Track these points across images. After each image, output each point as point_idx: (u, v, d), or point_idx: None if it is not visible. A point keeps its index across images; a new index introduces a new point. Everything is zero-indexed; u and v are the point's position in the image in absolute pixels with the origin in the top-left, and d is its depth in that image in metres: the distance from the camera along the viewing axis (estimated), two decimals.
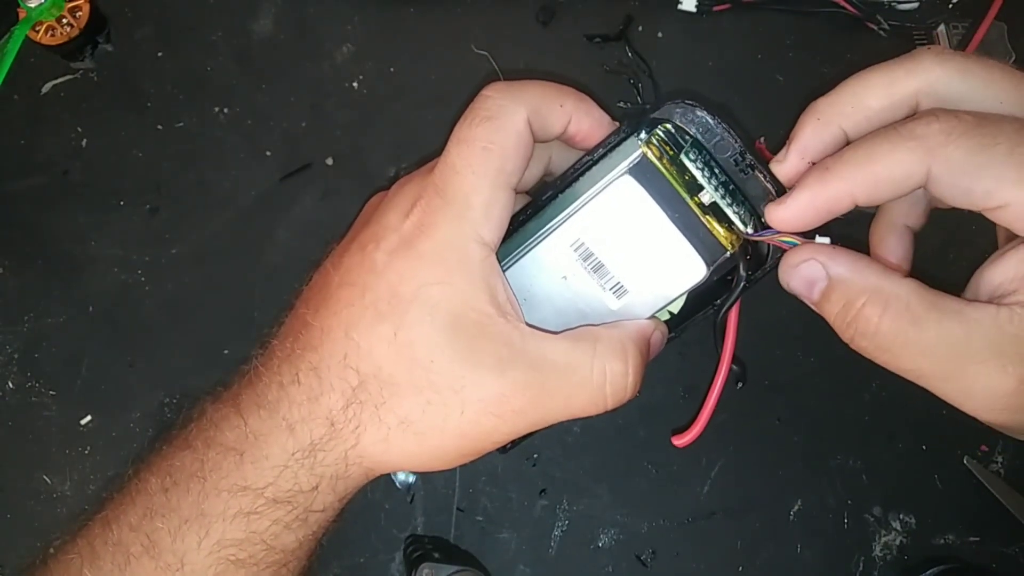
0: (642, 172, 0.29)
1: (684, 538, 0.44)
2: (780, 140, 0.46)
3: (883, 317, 0.25)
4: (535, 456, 0.45)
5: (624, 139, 0.30)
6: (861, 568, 0.44)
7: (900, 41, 0.49)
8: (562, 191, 0.31)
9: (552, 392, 0.28)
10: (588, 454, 0.45)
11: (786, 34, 0.50)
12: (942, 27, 0.48)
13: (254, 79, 0.50)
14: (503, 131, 0.29)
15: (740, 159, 0.29)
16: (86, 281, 0.47)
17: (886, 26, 0.48)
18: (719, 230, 0.29)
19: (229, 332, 0.47)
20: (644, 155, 0.28)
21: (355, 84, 0.50)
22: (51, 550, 0.31)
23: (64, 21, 0.48)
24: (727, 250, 0.29)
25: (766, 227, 0.29)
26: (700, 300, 0.31)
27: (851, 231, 0.29)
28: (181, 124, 0.49)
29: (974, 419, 0.44)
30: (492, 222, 0.28)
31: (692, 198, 0.29)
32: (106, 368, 0.46)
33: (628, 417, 0.45)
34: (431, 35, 0.50)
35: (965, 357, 0.25)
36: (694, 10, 0.49)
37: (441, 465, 0.29)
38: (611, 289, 0.30)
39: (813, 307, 0.28)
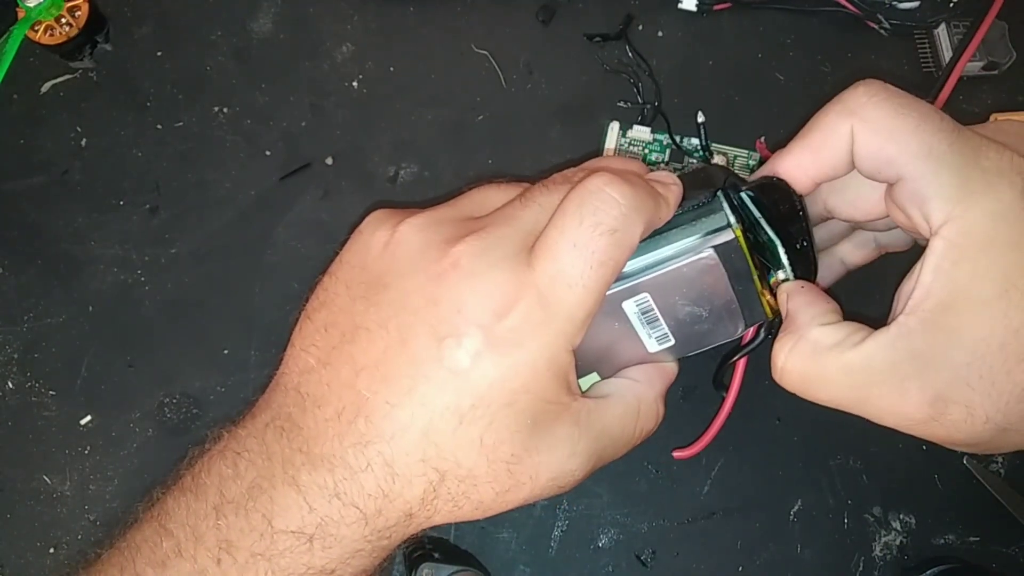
0: (726, 251, 0.29)
1: (684, 538, 0.44)
2: (780, 140, 0.46)
3: (790, 357, 0.28)
4: None
5: (711, 209, 0.29)
6: (861, 568, 0.44)
7: (901, 40, 0.49)
8: None
9: (606, 456, 0.30)
10: None
11: (786, 33, 0.50)
12: (943, 26, 0.48)
13: (254, 79, 0.50)
14: (623, 248, 0.27)
15: (803, 232, 0.30)
16: (86, 281, 0.47)
17: (887, 25, 0.48)
18: (769, 302, 0.30)
19: (229, 332, 0.47)
20: (735, 240, 0.29)
21: (355, 84, 0.50)
22: None
23: (63, 21, 0.48)
24: (767, 318, 0.31)
25: None
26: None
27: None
28: (180, 124, 0.49)
29: None
30: (585, 328, 0.28)
31: (760, 278, 0.30)
32: (106, 368, 0.46)
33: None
34: (431, 35, 0.50)
35: (867, 385, 0.26)
36: (694, 9, 0.49)
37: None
38: (656, 338, 0.31)
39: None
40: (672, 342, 0.31)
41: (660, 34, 0.50)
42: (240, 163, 0.49)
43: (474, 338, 0.26)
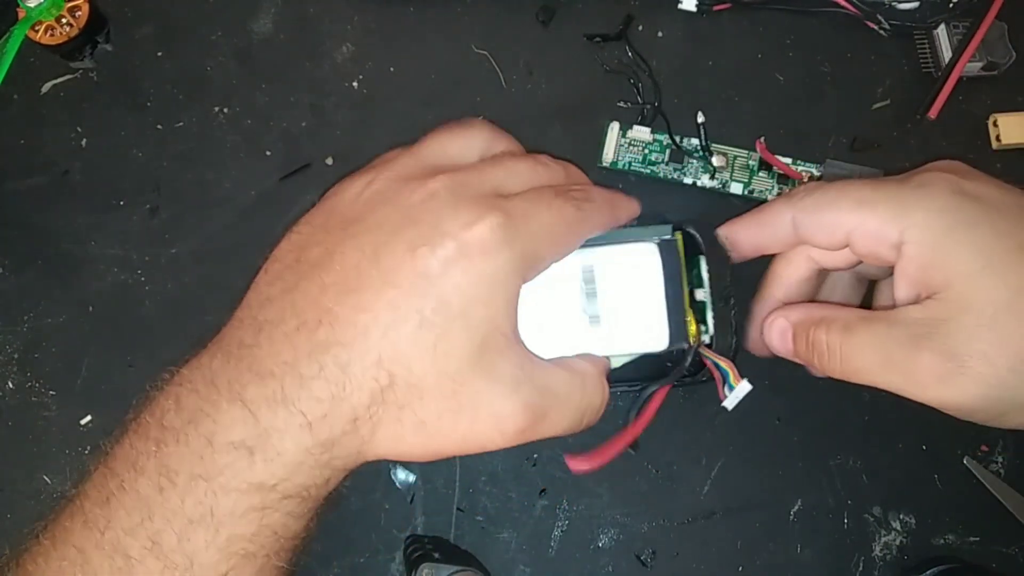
0: (666, 249, 0.34)
1: (684, 538, 0.44)
2: (780, 140, 0.46)
3: (829, 335, 0.32)
4: (535, 456, 0.45)
5: (659, 224, 0.35)
6: (861, 568, 0.44)
7: (900, 40, 0.49)
8: None
9: (548, 417, 0.31)
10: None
11: (786, 34, 0.50)
12: (942, 27, 0.48)
13: (254, 79, 0.50)
14: (590, 226, 0.32)
15: (726, 293, 0.35)
16: (86, 281, 0.47)
17: (886, 26, 0.48)
18: (692, 325, 0.34)
19: None
20: (674, 240, 0.34)
21: (355, 84, 0.50)
22: (21, 556, 0.29)
23: (64, 21, 0.48)
24: (687, 344, 0.34)
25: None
26: (630, 373, 0.36)
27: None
28: (181, 124, 0.49)
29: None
30: (537, 272, 0.31)
31: (689, 290, 0.35)
32: (106, 368, 0.46)
33: (628, 417, 0.45)
34: (431, 35, 0.50)
35: (890, 349, 0.30)
36: (694, 9, 0.49)
37: (430, 460, 0.31)
38: (590, 316, 0.34)
39: (794, 359, 0.35)
40: (601, 328, 0.34)
41: (660, 34, 0.50)
42: (240, 163, 0.49)
43: (446, 247, 0.28)
